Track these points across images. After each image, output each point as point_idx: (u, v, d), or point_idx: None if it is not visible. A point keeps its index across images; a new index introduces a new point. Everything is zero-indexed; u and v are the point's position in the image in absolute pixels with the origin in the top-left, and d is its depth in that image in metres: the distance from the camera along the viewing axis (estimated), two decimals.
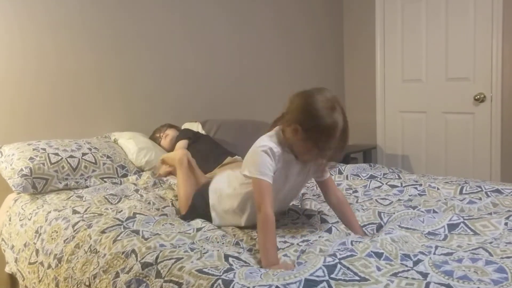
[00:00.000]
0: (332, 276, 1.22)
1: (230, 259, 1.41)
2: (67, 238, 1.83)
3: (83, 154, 2.53)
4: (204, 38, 3.48)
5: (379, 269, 1.26)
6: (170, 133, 3.00)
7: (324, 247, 1.48)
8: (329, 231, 1.69)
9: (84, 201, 2.21)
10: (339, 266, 1.26)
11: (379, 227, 1.77)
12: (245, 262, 1.43)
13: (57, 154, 2.45)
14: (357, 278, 1.21)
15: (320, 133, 1.56)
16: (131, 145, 2.78)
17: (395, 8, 4.14)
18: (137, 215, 1.88)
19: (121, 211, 1.97)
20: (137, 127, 3.08)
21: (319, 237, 1.63)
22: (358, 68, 4.48)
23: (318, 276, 1.21)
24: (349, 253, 1.34)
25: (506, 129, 3.59)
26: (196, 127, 3.20)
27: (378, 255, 1.35)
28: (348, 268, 1.25)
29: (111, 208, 2.05)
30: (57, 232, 1.91)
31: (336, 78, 4.51)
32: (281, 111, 1.71)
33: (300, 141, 1.61)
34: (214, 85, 3.56)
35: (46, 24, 2.76)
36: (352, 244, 1.44)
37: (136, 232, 1.68)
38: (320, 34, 4.32)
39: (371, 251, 1.36)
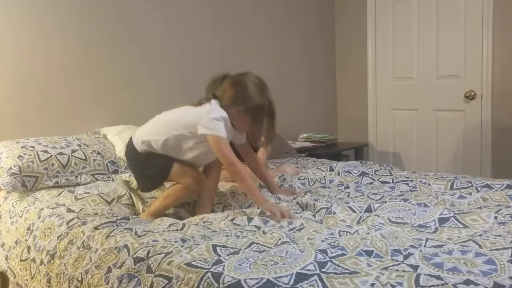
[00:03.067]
0: (323, 270, 1.22)
1: (218, 249, 1.42)
2: (61, 235, 1.82)
3: (73, 151, 2.51)
4: (194, 35, 3.47)
5: (369, 265, 1.27)
6: None
7: (312, 236, 1.49)
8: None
9: (77, 200, 2.19)
10: (329, 263, 1.26)
11: (369, 208, 1.81)
12: (232, 247, 1.44)
13: (46, 152, 2.43)
14: (347, 271, 1.22)
15: (256, 110, 1.96)
16: (117, 141, 2.76)
17: (387, 6, 4.16)
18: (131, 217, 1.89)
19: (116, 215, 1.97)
20: (128, 122, 3.06)
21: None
22: (350, 66, 4.49)
23: (309, 270, 1.21)
24: (340, 252, 1.34)
25: (496, 126, 3.62)
26: None
27: (368, 253, 1.35)
28: (339, 266, 1.25)
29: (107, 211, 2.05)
30: (50, 229, 1.90)
31: (328, 76, 4.52)
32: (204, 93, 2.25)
33: (242, 118, 1.99)
34: (204, 80, 3.55)
35: (35, 21, 2.74)
36: (340, 235, 1.44)
37: (129, 229, 1.68)
38: (312, 33, 4.32)
39: (361, 250, 1.36)
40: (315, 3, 4.33)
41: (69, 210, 2.00)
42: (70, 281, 1.63)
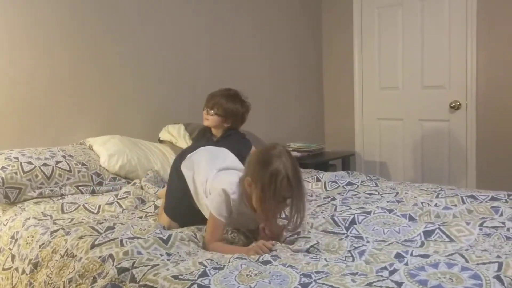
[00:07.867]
0: None
1: (204, 262, 1.42)
2: (43, 243, 1.80)
3: (57, 162, 2.47)
4: (181, 44, 3.46)
5: (354, 281, 1.26)
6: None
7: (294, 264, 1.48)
8: None
9: (64, 213, 2.16)
10: (314, 283, 1.26)
11: (352, 221, 1.80)
12: (217, 262, 1.44)
13: (30, 163, 2.39)
14: None
15: (265, 178, 1.57)
16: (102, 152, 2.72)
17: (372, 17, 4.19)
18: (116, 225, 1.86)
19: (102, 222, 1.94)
20: (117, 132, 3.03)
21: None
22: (336, 75, 4.51)
23: None
24: (324, 276, 1.33)
25: (480, 136, 3.66)
26: (178, 128, 3.18)
27: (353, 274, 1.34)
28: (323, 284, 1.25)
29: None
30: (33, 237, 1.88)
31: (315, 86, 4.54)
32: None
33: (254, 193, 1.62)
34: (191, 90, 3.54)
35: (19, 31, 2.71)
36: (326, 261, 1.44)
37: (114, 238, 1.67)
38: (299, 42, 4.34)
39: (347, 272, 1.35)
40: (303, 14, 4.35)
41: (54, 223, 1.97)
42: None
